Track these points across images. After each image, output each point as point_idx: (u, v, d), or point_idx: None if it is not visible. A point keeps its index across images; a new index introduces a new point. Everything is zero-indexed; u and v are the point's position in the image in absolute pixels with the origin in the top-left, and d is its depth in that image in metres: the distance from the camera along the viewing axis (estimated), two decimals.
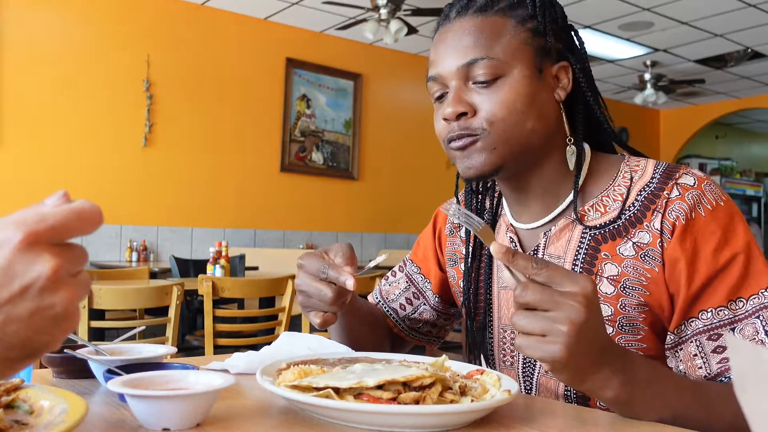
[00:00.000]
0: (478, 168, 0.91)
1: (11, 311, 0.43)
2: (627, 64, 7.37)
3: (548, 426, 0.72)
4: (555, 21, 0.94)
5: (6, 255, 0.43)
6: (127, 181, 5.43)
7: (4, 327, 0.43)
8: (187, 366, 0.83)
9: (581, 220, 0.93)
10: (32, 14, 5.08)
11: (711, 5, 5.63)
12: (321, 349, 1.00)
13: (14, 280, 0.43)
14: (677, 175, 0.90)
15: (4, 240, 0.43)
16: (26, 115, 5.03)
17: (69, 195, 0.48)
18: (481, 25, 0.90)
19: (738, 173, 10.60)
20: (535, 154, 0.94)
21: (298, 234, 6.41)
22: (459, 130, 0.90)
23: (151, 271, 4.31)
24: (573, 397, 0.95)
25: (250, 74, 6.09)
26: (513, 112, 0.89)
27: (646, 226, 0.89)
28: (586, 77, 0.96)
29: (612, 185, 0.94)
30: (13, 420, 0.61)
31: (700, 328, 0.85)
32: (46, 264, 0.44)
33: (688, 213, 0.87)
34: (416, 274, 1.19)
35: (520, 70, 0.90)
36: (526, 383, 1.00)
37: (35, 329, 0.44)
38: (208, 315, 2.91)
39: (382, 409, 0.66)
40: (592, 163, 0.97)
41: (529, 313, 0.71)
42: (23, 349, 0.45)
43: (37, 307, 0.44)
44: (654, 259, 0.88)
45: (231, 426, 0.69)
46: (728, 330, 0.84)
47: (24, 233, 0.44)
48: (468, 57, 0.90)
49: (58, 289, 0.44)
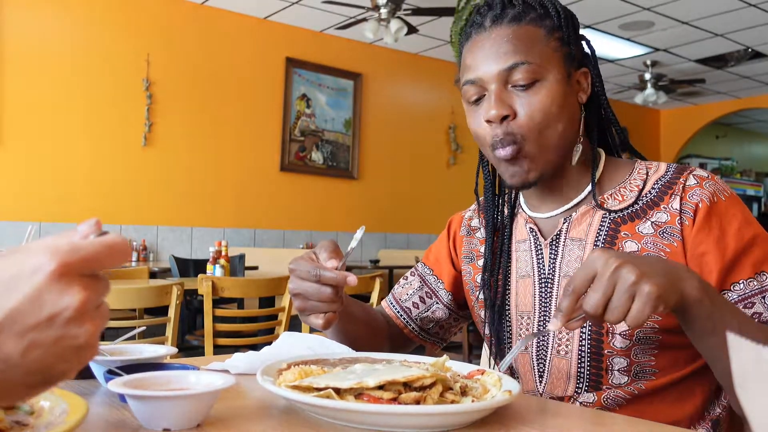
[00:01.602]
0: (524, 178, 0.98)
1: (36, 338, 0.44)
2: (627, 63, 7.37)
3: (549, 426, 0.72)
4: (575, 31, 1.02)
5: (38, 282, 0.44)
6: (126, 181, 5.43)
7: (26, 353, 0.44)
8: (188, 366, 0.83)
9: (601, 206, 1.01)
10: (32, 14, 5.08)
11: (711, 5, 5.63)
12: (321, 349, 1.00)
13: (43, 308, 0.44)
14: (690, 169, 0.99)
15: (37, 267, 0.44)
16: (26, 114, 5.03)
17: (101, 223, 0.49)
18: (517, 33, 0.97)
19: (738, 173, 10.61)
20: (563, 153, 1.01)
21: (298, 234, 6.41)
22: (503, 135, 0.96)
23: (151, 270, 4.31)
24: (585, 376, 0.97)
25: (250, 74, 6.09)
26: (548, 114, 0.96)
27: (663, 208, 0.97)
28: (600, 82, 1.05)
29: (628, 179, 1.03)
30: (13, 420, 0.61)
31: (734, 298, 0.91)
32: (75, 296, 0.45)
33: (711, 197, 0.95)
34: (429, 276, 1.22)
35: (554, 75, 0.97)
36: (540, 366, 1.03)
37: (56, 357, 0.45)
38: (207, 315, 2.91)
39: (382, 409, 0.66)
40: (607, 163, 1.06)
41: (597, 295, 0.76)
42: (41, 376, 0.45)
43: (62, 337, 0.44)
44: (673, 236, 0.95)
45: (231, 426, 0.69)
46: (760, 298, 0.91)
47: (58, 263, 0.44)
48: (509, 62, 0.96)
49: (84, 321, 0.45)
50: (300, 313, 0.94)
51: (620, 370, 0.96)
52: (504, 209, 1.13)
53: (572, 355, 0.99)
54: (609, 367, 0.96)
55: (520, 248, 1.08)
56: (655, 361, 0.95)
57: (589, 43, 1.06)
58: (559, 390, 1.00)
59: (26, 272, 0.44)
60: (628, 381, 0.96)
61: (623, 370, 0.95)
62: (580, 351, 0.98)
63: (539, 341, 1.03)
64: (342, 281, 0.89)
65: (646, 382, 0.95)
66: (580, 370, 0.98)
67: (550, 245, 1.04)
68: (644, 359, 0.95)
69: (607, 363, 0.96)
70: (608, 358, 0.96)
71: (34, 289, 0.44)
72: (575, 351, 0.98)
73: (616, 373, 0.96)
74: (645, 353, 0.94)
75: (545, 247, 1.04)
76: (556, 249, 1.03)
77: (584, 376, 0.98)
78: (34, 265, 0.44)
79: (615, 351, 0.95)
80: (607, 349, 0.96)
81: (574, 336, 0.98)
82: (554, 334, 1.01)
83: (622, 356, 0.95)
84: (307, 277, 0.90)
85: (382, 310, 1.23)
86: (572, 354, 0.99)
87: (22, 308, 0.43)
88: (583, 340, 0.97)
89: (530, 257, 1.06)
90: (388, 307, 1.23)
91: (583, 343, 0.97)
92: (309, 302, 0.92)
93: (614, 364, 0.96)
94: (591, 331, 0.97)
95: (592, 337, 0.97)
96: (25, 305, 0.43)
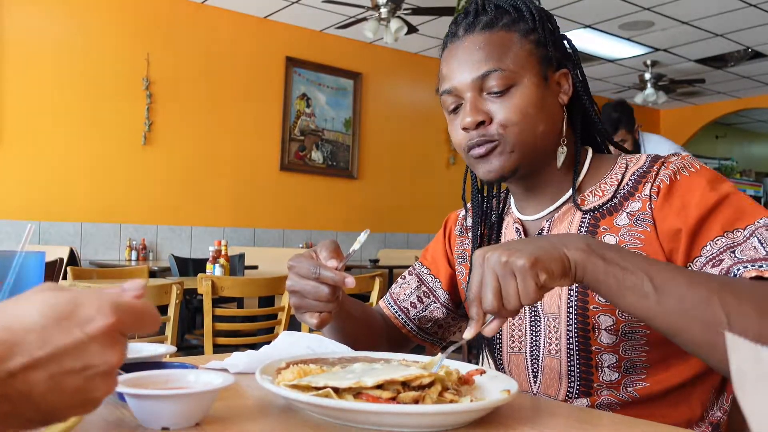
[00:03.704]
0: (498, 171, 0.98)
1: (63, 383, 0.44)
2: (627, 63, 7.37)
3: (548, 426, 0.72)
4: (552, 32, 1.02)
5: (90, 333, 0.45)
6: (126, 180, 5.43)
7: (47, 394, 0.44)
8: (187, 365, 0.83)
9: (581, 205, 1.01)
10: (32, 13, 5.08)
11: (711, 5, 5.63)
12: (320, 348, 1.00)
13: (83, 357, 0.45)
14: (666, 157, 0.99)
15: (93, 317, 0.45)
16: (26, 113, 5.03)
17: (146, 287, 0.51)
18: (489, 39, 0.98)
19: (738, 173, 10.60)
20: (545, 154, 1.01)
21: (298, 233, 6.41)
22: (478, 138, 0.97)
23: (151, 270, 4.31)
24: (576, 374, 0.98)
25: (250, 73, 6.09)
26: (526, 116, 0.96)
27: (637, 197, 0.97)
28: (582, 82, 1.04)
29: (609, 174, 1.02)
30: None
31: (703, 261, 0.87)
32: (115, 356, 0.46)
33: (672, 176, 0.94)
34: (426, 275, 1.23)
35: (529, 78, 0.97)
36: (534, 366, 1.03)
37: (67, 405, 0.46)
38: (207, 314, 2.91)
39: (381, 408, 0.66)
40: (593, 161, 1.05)
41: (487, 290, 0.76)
42: (45, 416, 0.46)
43: (83, 388, 0.45)
44: (645, 221, 0.95)
45: (230, 425, 0.69)
46: (729, 253, 0.85)
47: (116, 320, 0.46)
48: (482, 70, 0.97)
49: (108, 379, 0.46)
50: (296, 310, 0.94)
51: (610, 367, 0.95)
52: (492, 214, 1.13)
53: (562, 354, 0.99)
54: (599, 363, 0.96)
55: None
56: (645, 356, 0.94)
57: (571, 42, 1.05)
58: (552, 390, 1.01)
59: (81, 318, 0.45)
60: (618, 378, 0.95)
61: (613, 366, 0.95)
62: (569, 349, 0.98)
63: (532, 341, 1.03)
64: (340, 281, 0.89)
65: (640, 389, 0.95)
66: (571, 368, 0.98)
67: None
68: (634, 355, 0.94)
69: (597, 360, 0.96)
70: (597, 355, 0.96)
71: (84, 338, 0.44)
72: (564, 349, 0.98)
73: (606, 370, 0.96)
74: (634, 349, 0.94)
75: None
76: None
77: (575, 374, 0.98)
78: (90, 314, 0.45)
79: (603, 347, 0.95)
80: (594, 346, 0.96)
81: (561, 334, 0.98)
82: (544, 333, 1.01)
83: (611, 352, 0.95)
84: (306, 274, 0.90)
85: (380, 310, 1.24)
86: (561, 353, 0.99)
87: (66, 351, 0.44)
88: (570, 338, 0.97)
89: None
90: (386, 306, 1.23)
91: (570, 341, 0.97)
92: (305, 300, 0.91)
93: (603, 361, 0.96)
94: (577, 328, 0.97)
95: (579, 335, 0.97)
96: (70, 349, 0.44)
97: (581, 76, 1.04)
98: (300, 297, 0.92)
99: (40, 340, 0.43)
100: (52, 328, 0.44)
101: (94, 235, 5.29)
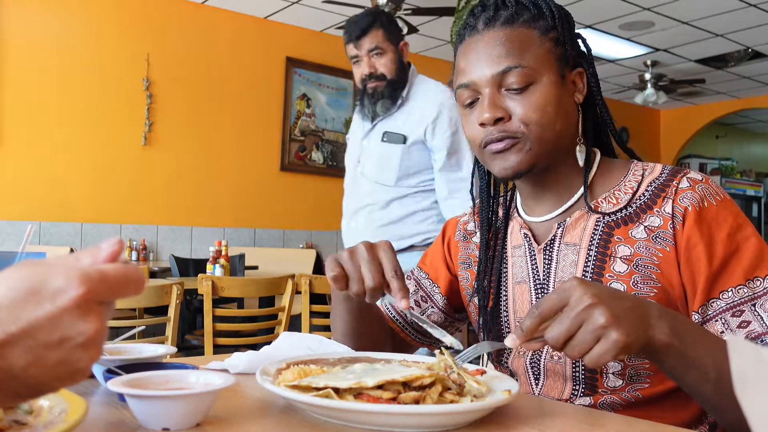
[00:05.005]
0: (514, 167, 0.97)
1: (42, 356, 0.44)
2: (627, 63, 7.37)
3: (548, 426, 0.72)
4: (570, 30, 1.02)
5: (61, 304, 0.44)
6: (126, 180, 5.43)
7: (29, 368, 0.44)
8: (187, 366, 0.83)
9: (595, 209, 0.99)
10: (32, 13, 5.08)
11: (711, 5, 5.63)
12: (321, 348, 1.00)
13: (58, 330, 0.44)
14: (685, 171, 0.98)
15: (62, 289, 0.44)
16: (26, 114, 5.03)
17: (123, 243, 0.49)
18: (510, 35, 0.97)
19: (738, 173, 10.60)
20: (561, 153, 1.00)
21: (298, 233, 6.41)
22: (498, 133, 0.96)
23: (151, 270, 4.31)
24: (581, 379, 0.97)
25: (250, 73, 6.08)
26: (545, 115, 0.96)
27: (656, 212, 0.95)
28: (596, 82, 1.04)
29: (623, 181, 1.01)
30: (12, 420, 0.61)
31: (723, 306, 0.89)
32: (91, 325, 0.45)
33: (700, 201, 0.93)
34: (424, 279, 1.22)
35: (548, 77, 0.96)
36: (535, 370, 1.03)
37: (53, 377, 0.45)
38: (207, 314, 2.91)
39: (381, 409, 0.66)
40: (602, 163, 1.04)
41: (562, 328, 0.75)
42: (32, 389, 0.46)
43: (65, 360, 0.45)
44: (665, 240, 0.94)
45: (230, 426, 0.69)
46: (749, 306, 0.88)
47: (85, 290, 0.44)
48: (502, 65, 0.96)
49: (89, 349, 0.46)
50: (330, 277, 0.93)
51: (615, 374, 0.95)
52: (499, 211, 1.12)
53: (566, 359, 0.99)
54: (604, 370, 0.96)
55: (516, 254, 1.08)
56: (649, 364, 0.94)
57: (585, 41, 1.05)
58: (556, 392, 1.01)
59: (50, 290, 0.44)
60: (623, 384, 0.95)
61: (618, 373, 0.95)
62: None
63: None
64: (398, 301, 0.89)
65: (643, 390, 0.95)
66: (575, 372, 0.98)
67: (544, 251, 1.03)
68: (638, 362, 0.94)
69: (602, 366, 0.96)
70: None
71: (55, 310, 0.44)
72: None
73: (611, 377, 0.96)
74: (639, 356, 0.94)
75: (539, 253, 1.04)
76: (551, 254, 1.02)
77: (580, 378, 0.98)
78: (59, 286, 0.44)
79: None
80: None
81: None
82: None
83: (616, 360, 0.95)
84: (359, 262, 0.90)
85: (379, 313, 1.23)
86: (566, 359, 0.99)
87: (39, 325, 0.44)
88: None
89: (525, 263, 1.05)
90: (384, 310, 1.23)
91: None
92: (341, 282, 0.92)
93: (608, 368, 0.96)
94: None
95: None
96: (43, 323, 0.44)
97: (596, 77, 1.04)
98: (341, 274, 0.92)
99: (12, 316, 0.43)
100: (22, 303, 0.43)
101: (95, 235, 5.29)
